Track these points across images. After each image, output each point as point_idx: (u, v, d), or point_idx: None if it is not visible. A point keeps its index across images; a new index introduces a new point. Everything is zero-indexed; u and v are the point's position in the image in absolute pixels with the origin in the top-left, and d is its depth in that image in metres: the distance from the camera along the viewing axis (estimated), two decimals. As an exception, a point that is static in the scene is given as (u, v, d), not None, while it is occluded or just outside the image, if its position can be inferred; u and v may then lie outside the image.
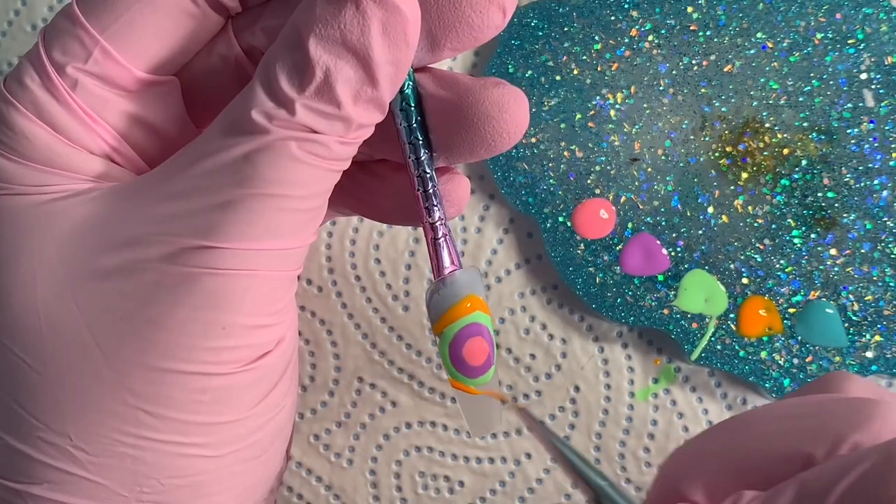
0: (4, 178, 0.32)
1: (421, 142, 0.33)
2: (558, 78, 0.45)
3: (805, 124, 0.44)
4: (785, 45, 0.45)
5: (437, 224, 0.34)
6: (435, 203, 0.34)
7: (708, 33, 0.45)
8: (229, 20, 0.34)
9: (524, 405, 0.34)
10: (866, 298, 0.44)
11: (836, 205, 0.44)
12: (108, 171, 0.33)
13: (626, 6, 0.45)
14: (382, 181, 0.36)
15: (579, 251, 0.45)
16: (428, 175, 0.34)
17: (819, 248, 0.44)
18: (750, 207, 0.45)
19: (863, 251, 0.44)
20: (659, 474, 0.31)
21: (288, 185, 0.30)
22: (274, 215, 0.30)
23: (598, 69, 0.45)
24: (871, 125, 0.44)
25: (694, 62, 0.45)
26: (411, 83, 0.33)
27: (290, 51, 0.30)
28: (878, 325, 0.44)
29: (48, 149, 0.32)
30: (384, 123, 0.32)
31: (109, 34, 0.32)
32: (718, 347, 0.45)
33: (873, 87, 0.44)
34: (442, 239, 0.34)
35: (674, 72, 0.45)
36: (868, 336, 0.44)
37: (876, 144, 0.44)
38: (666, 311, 0.45)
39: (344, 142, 0.31)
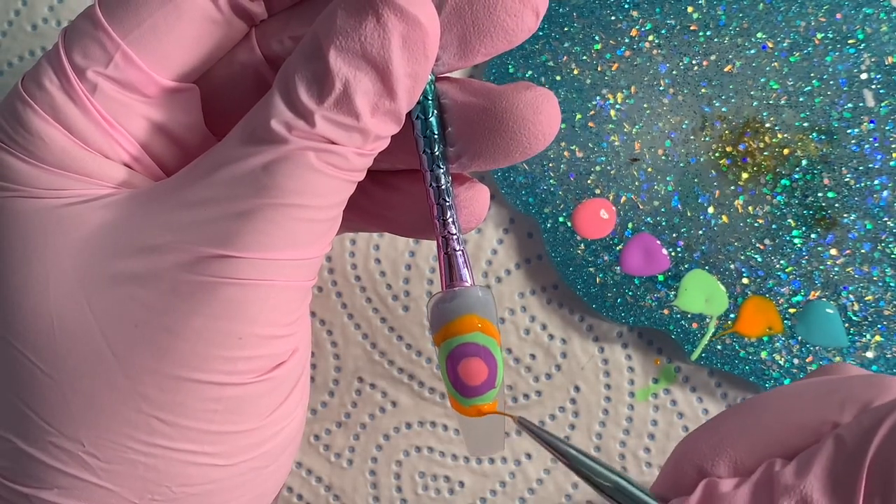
0: (19, 179, 0.32)
1: (438, 153, 0.33)
2: (558, 78, 0.45)
3: (805, 124, 0.45)
4: (785, 45, 0.45)
5: (451, 237, 0.33)
6: (449, 216, 0.33)
7: (708, 33, 0.45)
8: (252, 28, 0.34)
9: (518, 416, 0.33)
10: (866, 298, 0.44)
11: (837, 205, 0.44)
12: (125, 178, 0.33)
13: (626, 6, 0.45)
14: (400, 194, 0.36)
15: (579, 251, 0.45)
16: (443, 187, 0.33)
17: (819, 249, 0.44)
18: (750, 207, 0.45)
19: (863, 251, 0.44)
20: (675, 455, 0.31)
21: (306, 195, 0.30)
22: (291, 225, 0.30)
23: (599, 69, 0.45)
24: (872, 125, 0.44)
25: (694, 62, 0.45)
26: (430, 93, 0.33)
27: (309, 61, 0.30)
28: (879, 325, 0.44)
29: (64, 152, 0.32)
30: (403, 133, 0.32)
31: (131, 39, 0.31)
32: (719, 347, 0.45)
33: (873, 87, 0.44)
34: (454, 252, 0.33)
35: (674, 72, 0.45)
36: (868, 336, 0.44)
37: (876, 144, 0.44)
38: (666, 312, 0.45)
39: (361, 153, 0.31)
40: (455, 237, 0.33)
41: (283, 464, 0.34)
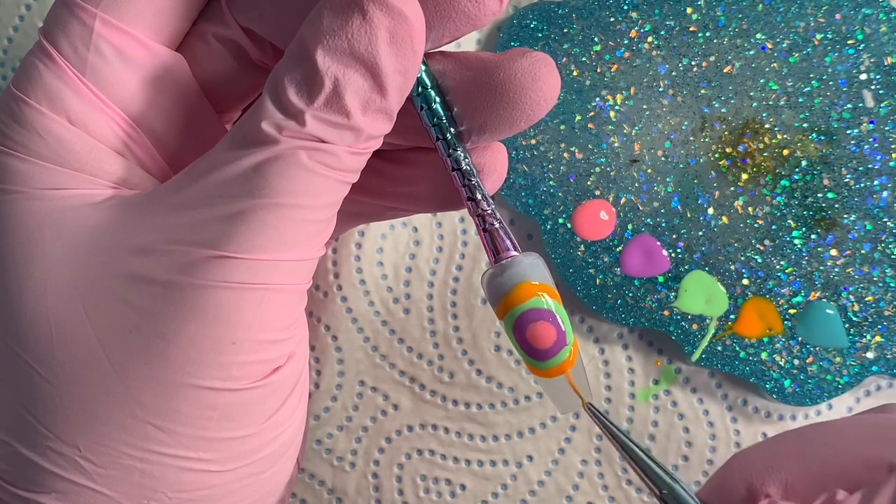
0: (16, 179, 0.32)
1: (451, 137, 0.33)
2: (558, 80, 0.45)
3: (805, 125, 0.44)
4: (784, 45, 0.45)
5: (486, 214, 0.34)
6: (479, 194, 0.33)
7: (707, 34, 0.45)
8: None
9: (587, 402, 0.34)
10: (867, 299, 0.44)
11: (837, 205, 0.44)
12: (121, 172, 0.33)
13: (625, 7, 0.45)
14: (419, 167, 0.36)
15: (579, 253, 0.45)
16: (465, 168, 0.33)
17: (819, 249, 0.44)
18: (750, 208, 0.45)
19: (863, 252, 0.44)
20: (726, 467, 0.32)
21: (298, 194, 0.30)
22: (284, 225, 0.30)
23: (598, 70, 0.45)
24: (871, 126, 0.44)
25: (693, 63, 0.45)
26: (428, 82, 0.33)
27: (298, 64, 0.30)
28: (879, 326, 0.44)
29: (60, 144, 0.32)
30: (410, 114, 0.32)
31: (105, 5, 0.32)
32: (719, 348, 0.45)
33: (873, 87, 0.44)
34: (493, 228, 0.33)
35: (673, 73, 0.45)
36: (869, 337, 0.44)
37: (876, 145, 0.44)
38: (666, 313, 0.45)
39: (353, 152, 0.31)
40: (489, 212, 0.33)
41: (282, 468, 0.34)
